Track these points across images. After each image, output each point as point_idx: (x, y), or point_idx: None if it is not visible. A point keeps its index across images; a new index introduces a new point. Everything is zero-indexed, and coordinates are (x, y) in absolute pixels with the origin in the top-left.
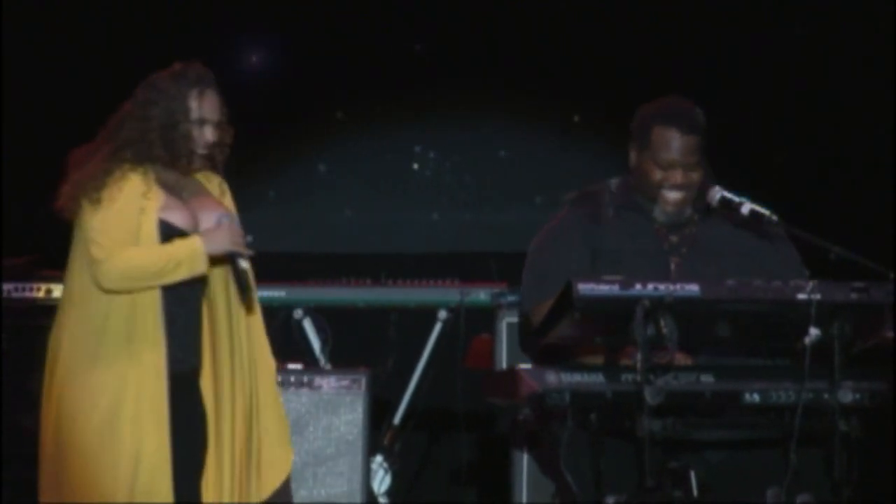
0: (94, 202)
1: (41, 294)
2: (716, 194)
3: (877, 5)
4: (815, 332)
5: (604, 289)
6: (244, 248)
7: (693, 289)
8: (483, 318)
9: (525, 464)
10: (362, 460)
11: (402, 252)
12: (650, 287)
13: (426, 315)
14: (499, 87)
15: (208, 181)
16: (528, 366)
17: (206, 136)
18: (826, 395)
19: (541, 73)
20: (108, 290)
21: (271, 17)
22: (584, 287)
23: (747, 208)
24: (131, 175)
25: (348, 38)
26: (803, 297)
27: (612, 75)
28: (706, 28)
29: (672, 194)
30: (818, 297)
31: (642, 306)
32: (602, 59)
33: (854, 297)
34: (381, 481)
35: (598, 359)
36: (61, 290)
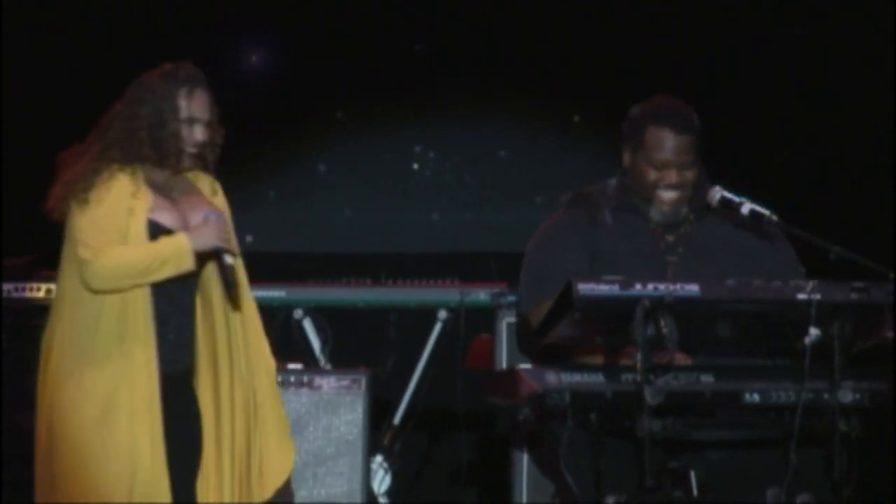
0: (82, 203)
1: (41, 294)
2: (716, 194)
3: (877, 5)
4: (815, 332)
5: (604, 289)
6: (231, 245)
7: (693, 289)
8: (483, 318)
9: (525, 464)
10: (362, 460)
11: (402, 252)
12: (650, 287)
13: (426, 315)
14: (499, 87)
15: (199, 181)
16: (528, 366)
17: (196, 135)
18: (826, 395)
19: (541, 73)
20: (97, 290)
21: (271, 17)
22: (584, 287)
23: (747, 208)
24: (119, 175)
25: (348, 38)
26: (803, 297)
27: (612, 75)
28: (706, 28)
29: (667, 194)
30: (818, 297)
31: (642, 306)
32: (602, 59)
33: (854, 297)
34: (381, 481)
35: (598, 359)
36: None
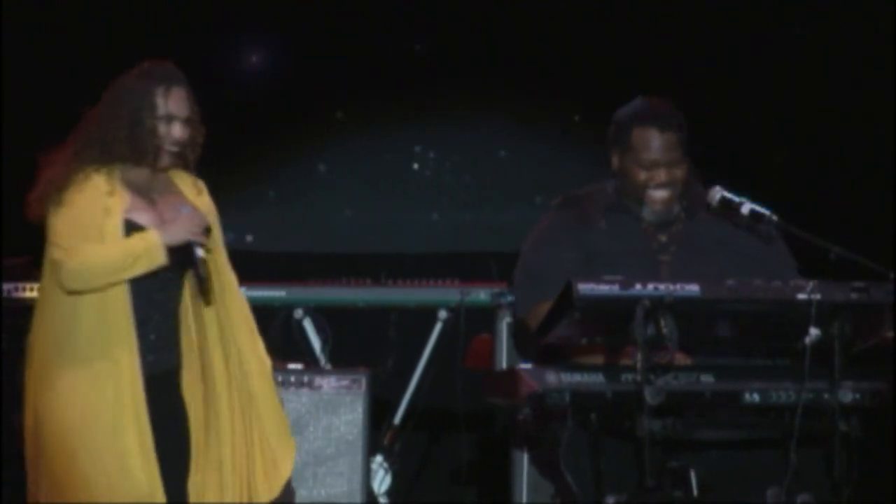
0: (57, 204)
1: None
2: (716, 194)
3: (877, 5)
4: (815, 331)
5: (604, 289)
6: (203, 238)
7: (693, 288)
8: (483, 317)
9: (525, 464)
10: (362, 460)
11: (402, 252)
12: (650, 287)
13: (426, 315)
14: (499, 87)
15: (181, 180)
16: (528, 366)
17: (174, 132)
18: (826, 395)
19: (541, 73)
20: (71, 291)
21: (271, 17)
22: (585, 287)
23: (747, 208)
24: (95, 176)
25: (348, 38)
26: (803, 296)
27: (612, 75)
28: (706, 28)
29: (658, 193)
30: (818, 296)
31: (642, 306)
32: (602, 59)
33: (854, 296)
34: (382, 481)
35: (597, 359)
36: None
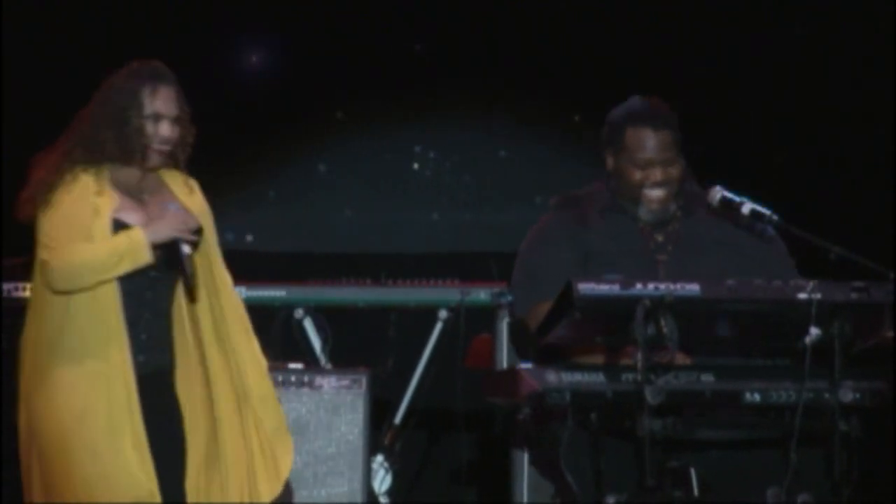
0: (45, 205)
1: None
2: (716, 194)
3: (877, 5)
4: (815, 331)
5: (604, 288)
6: (188, 235)
7: (693, 288)
8: (483, 317)
9: (525, 464)
10: (363, 460)
11: (402, 252)
12: (651, 287)
13: (426, 315)
14: (499, 87)
15: (173, 180)
16: (528, 365)
17: (162, 131)
18: (826, 395)
19: (541, 73)
20: (58, 291)
21: (271, 17)
22: (585, 287)
23: (748, 208)
24: (83, 176)
25: (348, 38)
26: (804, 296)
27: (612, 75)
28: (706, 28)
29: (654, 192)
30: (818, 296)
31: (643, 306)
32: (602, 59)
33: (854, 296)
34: (382, 481)
35: (597, 359)
36: None
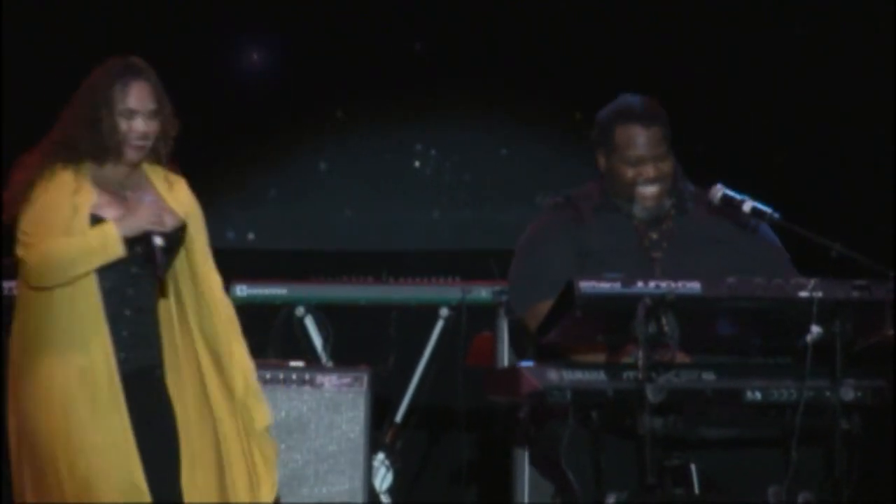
0: (24, 203)
1: None
2: (717, 192)
3: (877, 5)
4: (816, 329)
5: (605, 287)
6: (161, 226)
7: (695, 286)
8: (484, 315)
9: (525, 463)
10: (364, 458)
11: (403, 250)
12: (652, 285)
13: (427, 313)
14: (499, 86)
15: (155, 174)
16: (529, 363)
17: (136, 127)
18: (827, 393)
19: (541, 73)
20: (36, 287)
21: (271, 17)
22: (586, 285)
23: (749, 206)
24: (62, 173)
25: (348, 37)
26: (805, 294)
27: (612, 75)
28: (706, 28)
29: (648, 189)
30: (820, 294)
31: (644, 304)
32: (602, 59)
33: (855, 294)
34: (383, 479)
35: (597, 357)
36: None
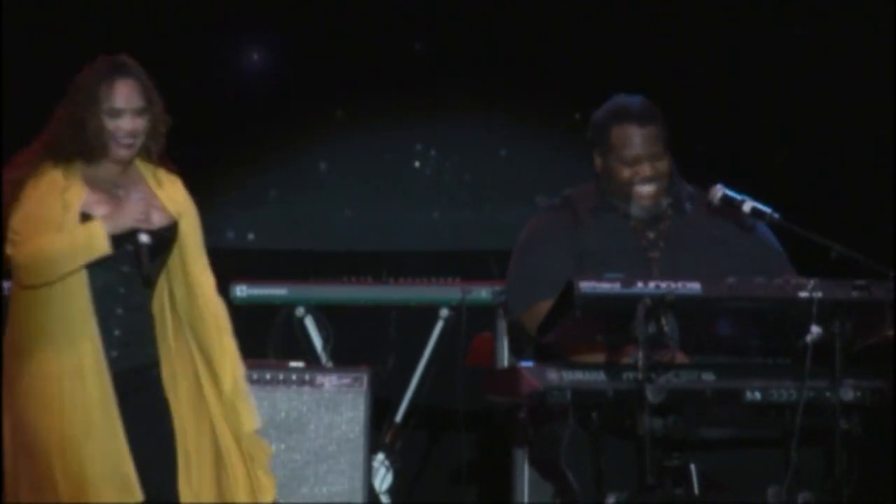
0: (15, 202)
1: None
2: (717, 192)
3: (877, 5)
4: (816, 329)
5: (605, 287)
6: (148, 224)
7: (695, 287)
8: (484, 316)
9: (525, 463)
10: (364, 458)
11: (402, 250)
12: (651, 285)
13: (427, 313)
14: (499, 86)
15: (147, 172)
16: (529, 364)
17: (123, 125)
18: (827, 393)
19: (541, 73)
20: (25, 285)
21: (271, 17)
22: (586, 285)
23: (749, 206)
24: (51, 171)
25: (348, 37)
26: (805, 294)
27: (612, 75)
28: (706, 28)
29: (645, 188)
30: (819, 294)
31: (644, 304)
32: (602, 59)
33: (855, 294)
34: (383, 479)
35: (596, 358)
36: None
